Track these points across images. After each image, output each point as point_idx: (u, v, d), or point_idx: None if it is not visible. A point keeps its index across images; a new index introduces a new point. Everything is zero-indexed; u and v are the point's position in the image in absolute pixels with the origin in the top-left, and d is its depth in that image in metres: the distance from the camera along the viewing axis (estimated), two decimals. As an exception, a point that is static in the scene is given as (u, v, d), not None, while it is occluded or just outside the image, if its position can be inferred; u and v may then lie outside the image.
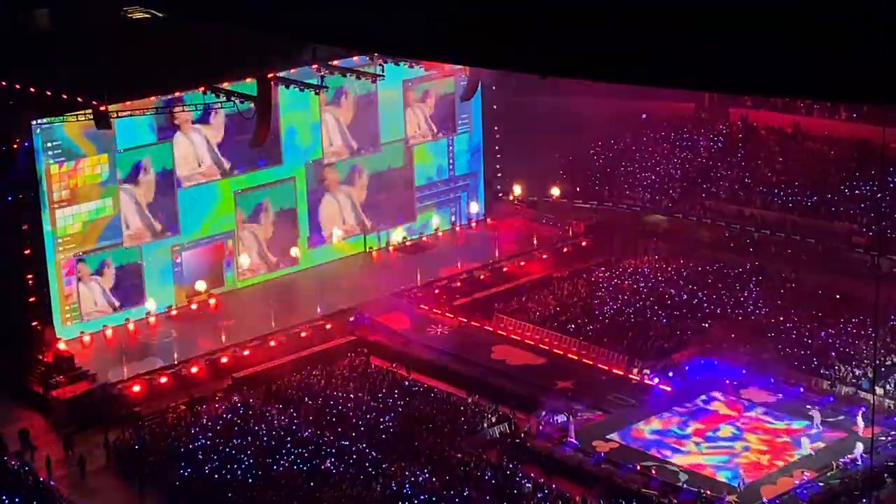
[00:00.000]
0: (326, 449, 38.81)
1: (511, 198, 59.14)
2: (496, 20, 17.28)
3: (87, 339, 46.57)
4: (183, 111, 47.01)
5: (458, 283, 51.87)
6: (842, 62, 14.96)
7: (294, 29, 23.31)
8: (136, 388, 42.95)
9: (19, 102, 43.07)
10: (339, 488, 36.55)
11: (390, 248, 55.70)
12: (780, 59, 15.49)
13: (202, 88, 45.91)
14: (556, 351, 46.35)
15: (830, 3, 14.61)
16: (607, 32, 16.57)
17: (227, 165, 50.69)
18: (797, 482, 37.36)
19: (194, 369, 44.39)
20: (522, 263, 53.71)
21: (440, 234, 57.41)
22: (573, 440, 39.69)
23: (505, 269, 53.23)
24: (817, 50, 15.07)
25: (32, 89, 42.83)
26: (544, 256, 54.20)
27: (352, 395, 42.61)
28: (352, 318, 48.26)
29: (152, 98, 45.70)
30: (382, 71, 51.52)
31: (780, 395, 42.60)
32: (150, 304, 48.53)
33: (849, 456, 38.10)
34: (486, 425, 40.88)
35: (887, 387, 41.68)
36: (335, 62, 49.93)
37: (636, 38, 16.41)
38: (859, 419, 39.71)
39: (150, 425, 41.15)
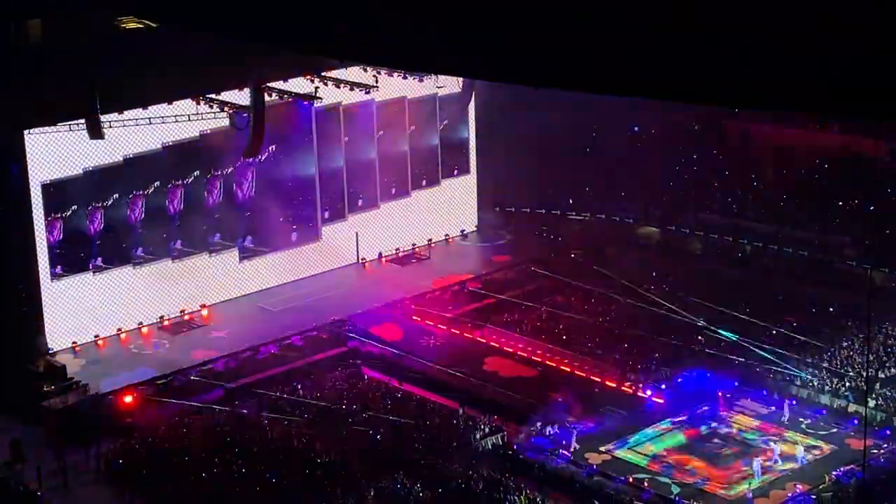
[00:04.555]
0: (318, 460, 38.71)
1: (503, 209, 59.14)
2: (491, 32, 17.30)
3: (78, 349, 46.46)
4: (176, 122, 46.89)
5: (450, 295, 51.80)
6: (833, 78, 15.01)
7: (288, 40, 23.32)
8: (128, 399, 42.83)
9: (11, 112, 42.93)
10: (332, 500, 36.40)
11: (382, 259, 55.60)
12: (771, 74, 15.53)
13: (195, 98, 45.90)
14: (548, 363, 46.31)
15: (821, 22, 14.67)
16: (600, 44, 16.60)
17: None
18: (789, 495, 37.41)
19: (186, 379, 44.24)
20: (514, 275, 53.61)
21: (432, 245, 57.32)
22: (567, 452, 39.67)
23: (497, 281, 53.14)
24: (808, 65, 15.11)
25: (25, 99, 42.74)
26: (536, 268, 54.14)
27: (343, 407, 42.51)
28: (343, 330, 48.16)
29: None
30: (376, 82, 51.46)
31: (773, 407, 42.66)
32: (142, 315, 48.39)
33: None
34: (478, 437, 40.81)
35: (879, 399, 41.76)
36: (329, 73, 49.84)
37: (629, 50, 16.43)
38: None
39: (141, 436, 40.98)
